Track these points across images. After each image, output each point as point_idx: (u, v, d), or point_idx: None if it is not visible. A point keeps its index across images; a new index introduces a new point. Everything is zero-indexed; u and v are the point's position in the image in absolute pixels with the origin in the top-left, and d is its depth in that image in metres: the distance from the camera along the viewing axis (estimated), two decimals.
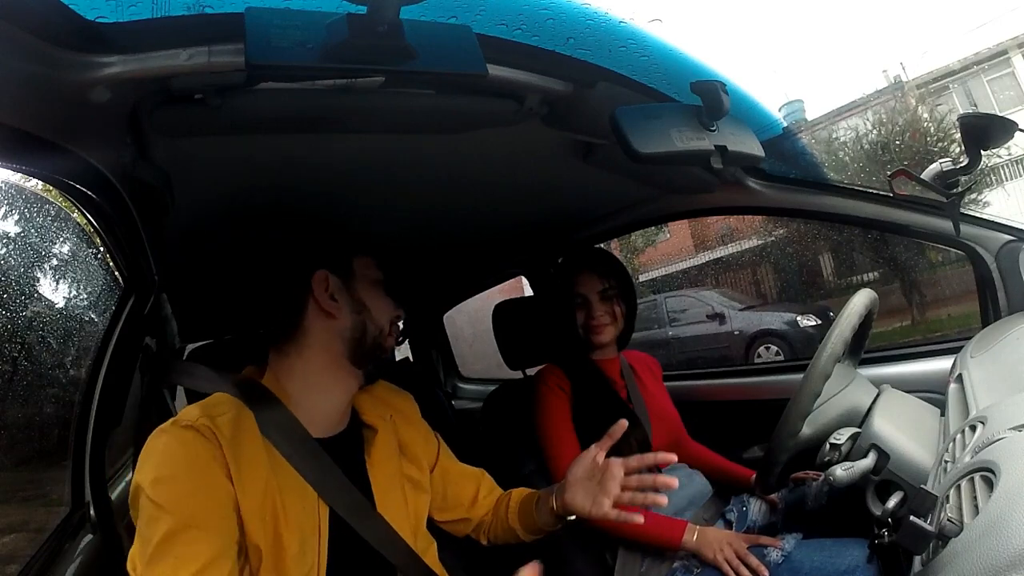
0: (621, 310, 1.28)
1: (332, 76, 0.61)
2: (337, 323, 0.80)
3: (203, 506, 0.63)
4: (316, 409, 0.78)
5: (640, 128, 0.65)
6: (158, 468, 0.63)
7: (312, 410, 0.77)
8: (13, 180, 1.38)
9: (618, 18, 0.67)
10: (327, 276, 0.80)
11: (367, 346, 0.81)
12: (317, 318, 0.80)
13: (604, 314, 1.25)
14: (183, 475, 0.63)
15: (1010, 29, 10.90)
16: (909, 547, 0.49)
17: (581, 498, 0.83)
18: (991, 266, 1.12)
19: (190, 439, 0.65)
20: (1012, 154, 9.18)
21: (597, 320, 1.25)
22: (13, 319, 1.38)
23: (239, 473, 0.66)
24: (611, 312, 1.26)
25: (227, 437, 0.67)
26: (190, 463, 0.64)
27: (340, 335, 0.80)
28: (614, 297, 1.27)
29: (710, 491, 1.23)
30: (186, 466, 0.64)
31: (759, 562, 0.98)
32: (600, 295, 1.26)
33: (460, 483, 0.95)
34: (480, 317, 1.88)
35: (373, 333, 0.82)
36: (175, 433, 0.66)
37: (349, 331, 0.80)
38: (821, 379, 0.84)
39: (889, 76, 12.00)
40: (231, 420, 0.70)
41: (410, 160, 0.92)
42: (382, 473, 0.81)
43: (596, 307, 1.25)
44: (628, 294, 1.30)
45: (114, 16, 0.50)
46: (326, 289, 0.80)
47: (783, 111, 12.87)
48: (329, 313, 0.79)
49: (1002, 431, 0.51)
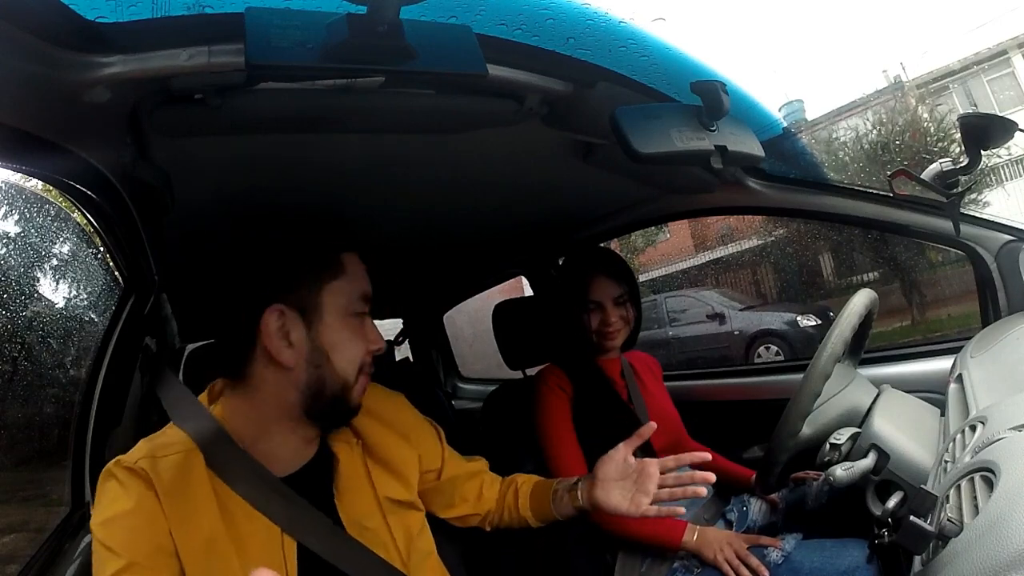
0: (632, 315, 1.27)
1: (332, 76, 0.61)
2: (290, 374, 0.68)
3: (144, 547, 0.62)
4: (272, 452, 0.70)
5: (640, 128, 0.65)
6: (102, 511, 0.64)
7: (269, 452, 0.70)
8: (13, 180, 1.38)
9: (618, 18, 0.67)
10: (283, 313, 0.67)
11: (326, 401, 0.69)
12: (267, 365, 0.68)
13: (619, 319, 1.24)
14: (124, 518, 0.63)
15: (1010, 29, 10.90)
16: (909, 547, 0.49)
17: (617, 498, 0.84)
18: (991, 266, 1.12)
19: (128, 482, 0.64)
20: (1012, 154, 9.19)
21: (612, 327, 1.23)
22: (13, 319, 1.38)
23: (177, 520, 0.63)
24: (624, 318, 1.25)
25: (164, 482, 0.64)
26: (131, 506, 0.63)
27: (295, 387, 0.68)
28: (627, 302, 1.26)
29: (710, 491, 1.23)
30: (126, 509, 0.63)
31: (759, 562, 0.98)
32: (615, 301, 1.24)
33: (467, 483, 0.93)
34: (480, 317, 1.88)
35: (334, 388, 0.69)
36: (117, 474, 0.65)
37: (305, 384, 0.68)
38: (821, 379, 0.84)
39: (889, 76, 12.01)
40: (175, 464, 0.66)
41: (410, 160, 0.92)
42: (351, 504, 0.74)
43: (611, 313, 1.23)
44: (637, 299, 1.30)
45: (114, 16, 0.50)
46: (281, 328, 0.67)
47: (783, 111, 12.87)
48: (279, 362, 0.67)
49: (1002, 431, 0.51)
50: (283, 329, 0.67)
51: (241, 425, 0.70)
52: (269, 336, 0.67)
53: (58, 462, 1.30)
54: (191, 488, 0.65)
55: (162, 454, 0.66)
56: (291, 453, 0.73)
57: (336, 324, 0.69)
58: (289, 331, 0.67)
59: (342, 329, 0.70)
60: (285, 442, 0.72)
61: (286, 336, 0.67)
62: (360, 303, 0.73)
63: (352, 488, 0.76)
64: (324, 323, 0.69)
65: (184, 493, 0.65)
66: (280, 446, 0.71)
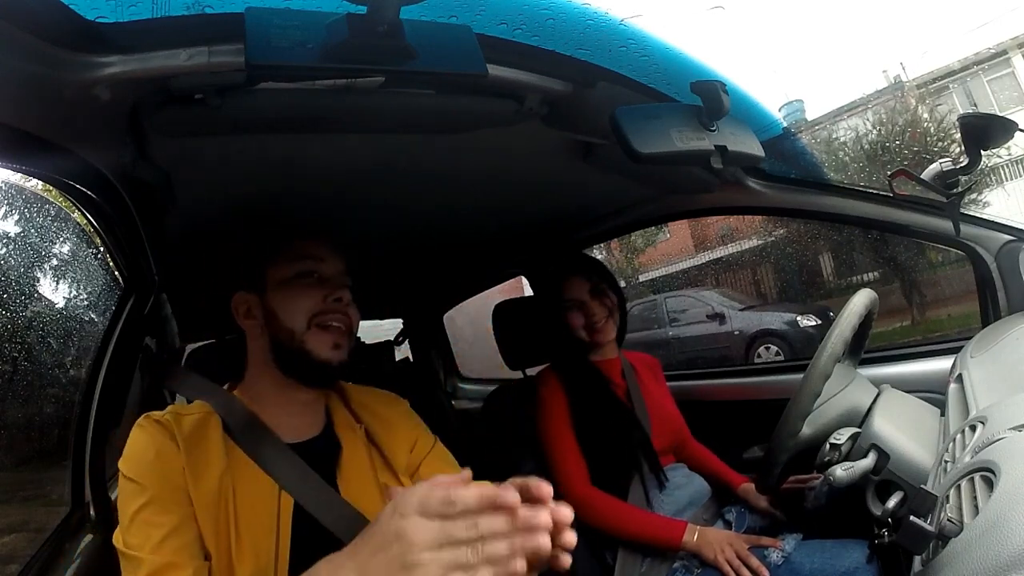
0: (613, 302, 1.29)
1: (332, 76, 0.61)
2: (259, 342, 0.81)
3: (164, 484, 0.70)
4: (279, 420, 0.79)
5: (640, 128, 0.65)
6: (130, 452, 0.73)
7: (276, 421, 0.79)
8: (13, 180, 1.38)
9: (618, 18, 0.67)
10: (244, 297, 0.82)
11: (290, 354, 0.79)
12: (248, 340, 0.83)
13: (601, 309, 1.26)
14: (148, 457, 0.71)
15: (1010, 29, 10.90)
16: (909, 547, 0.49)
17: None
18: (991, 266, 1.12)
19: (153, 429, 0.74)
20: (1012, 154, 9.18)
21: (597, 318, 1.25)
22: (13, 319, 1.38)
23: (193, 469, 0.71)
24: (608, 306, 1.27)
25: (184, 434, 0.74)
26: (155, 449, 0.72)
27: (265, 350, 0.81)
28: (604, 291, 1.28)
29: (710, 491, 1.23)
30: (150, 451, 0.72)
31: (759, 563, 0.98)
32: (591, 293, 1.27)
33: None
34: (480, 317, 1.88)
35: (286, 340, 0.79)
36: (145, 424, 0.75)
37: (269, 344, 0.80)
38: (821, 379, 0.84)
39: (889, 76, 12.01)
40: (195, 421, 0.76)
41: (410, 160, 0.92)
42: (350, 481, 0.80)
43: (591, 305, 1.26)
44: (614, 285, 1.32)
45: (114, 16, 0.50)
46: (246, 309, 0.82)
47: (783, 111, 12.86)
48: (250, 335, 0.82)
49: (1002, 431, 0.51)
50: (247, 309, 0.82)
51: (250, 399, 0.80)
52: (239, 318, 0.83)
53: (58, 462, 1.30)
54: (207, 443, 0.74)
55: (185, 413, 0.77)
56: (297, 422, 0.81)
57: (280, 289, 0.81)
58: (250, 307, 0.82)
59: (287, 291, 0.81)
60: (286, 411, 0.81)
61: (249, 313, 0.82)
62: (302, 267, 0.82)
63: (353, 467, 0.81)
64: (268, 293, 0.81)
65: (200, 446, 0.74)
66: (283, 413, 0.80)
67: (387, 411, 0.89)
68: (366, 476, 0.81)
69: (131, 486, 0.69)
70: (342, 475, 0.80)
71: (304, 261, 0.82)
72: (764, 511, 1.19)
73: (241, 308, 0.83)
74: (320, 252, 0.84)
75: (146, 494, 0.68)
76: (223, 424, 0.77)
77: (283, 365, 0.80)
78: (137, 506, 0.68)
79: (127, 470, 0.70)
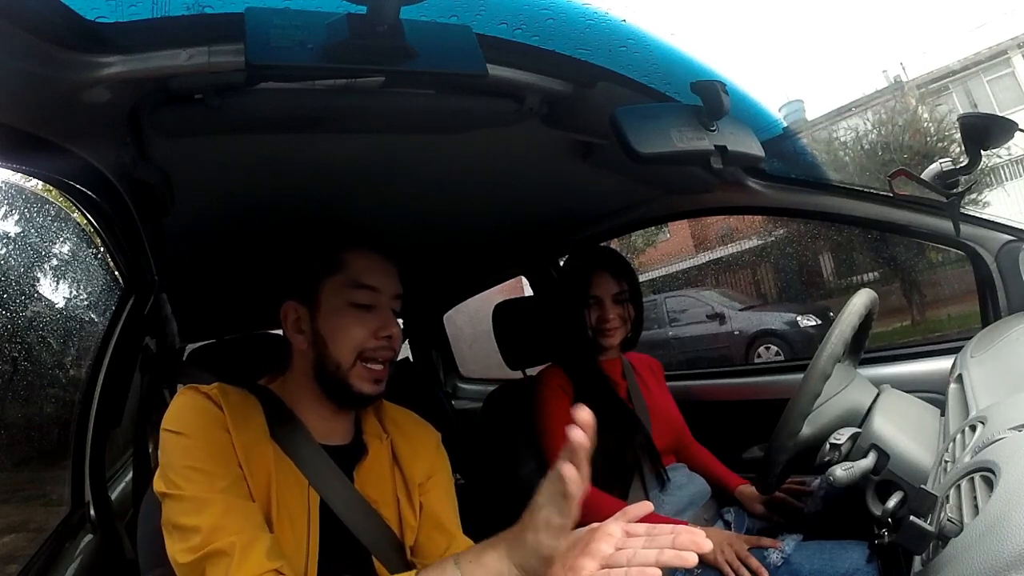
0: (631, 314, 1.28)
1: (332, 76, 0.61)
2: (304, 356, 0.80)
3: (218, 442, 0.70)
4: (312, 423, 0.80)
5: (640, 128, 0.65)
6: (178, 412, 0.72)
7: (310, 423, 0.79)
8: (13, 180, 1.38)
9: (618, 18, 0.67)
10: (295, 307, 0.80)
11: (332, 382, 0.79)
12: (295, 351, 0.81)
13: (616, 317, 1.24)
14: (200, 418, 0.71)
15: (1010, 29, 10.90)
16: (909, 547, 0.49)
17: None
18: (991, 266, 1.12)
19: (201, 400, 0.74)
20: (1012, 154, 9.17)
21: (610, 323, 1.24)
22: (13, 319, 1.38)
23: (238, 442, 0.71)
24: (623, 315, 1.26)
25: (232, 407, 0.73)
26: (205, 413, 0.72)
27: (309, 366, 0.80)
28: (626, 300, 1.27)
29: (710, 491, 1.23)
30: (202, 414, 0.72)
31: (759, 563, 0.98)
32: (614, 298, 1.25)
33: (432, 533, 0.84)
34: (480, 317, 1.88)
35: (330, 368, 0.78)
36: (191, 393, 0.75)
37: (312, 363, 0.79)
38: (821, 379, 0.84)
39: (889, 76, 12.00)
40: (241, 399, 0.76)
41: (410, 160, 0.92)
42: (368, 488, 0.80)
43: (609, 309, 1.24)
44: (637, 298, 1.30)
45: (114, 16, 0.50)
46: (295, 321, 0.80)
47: (783, 111, 12.85)
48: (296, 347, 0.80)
49: (1002, 431, 0.51)
50: (297, 321, 0.80)
51: (290, 398, 0.80)
52: (287, 327, 0.80)
53: (58, 462, 1.30)
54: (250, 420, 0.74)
55: (231, 391, 0.76)
56: (327, 429, 0.81)
57: (333, 315, 0.78)
58: (300, 321, 0.80)
59: (339, 319, 0.78)
60: (319, 416, 0.80)
61: (298, 326, 0.80)
62: (359, 298, 0.79)
63: (374, 472, 0.82)
64: (321, 314, 0.79)
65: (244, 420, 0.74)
66: (315, 419, 0.80)
67: (415, 432, 0.89)
68: (385, 484, 0.82)
69: (181, 440, 0.69)
70: (360, 476, 0.80)
71: (362, 291, 0.79)
72: (760, 516, 1.19)
73: (290, 317, 0.80)
74: (378, 279, 0.81)
75: (200, 447, 0.68)
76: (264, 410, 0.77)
77: (322, 384, 0.80)
78: (190, 458, 0.67)
79: (177, 427, 0.70)
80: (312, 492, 0.75)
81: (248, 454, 0.71)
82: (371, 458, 0.82)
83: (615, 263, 1.28)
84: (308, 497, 0.75)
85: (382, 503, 0.81)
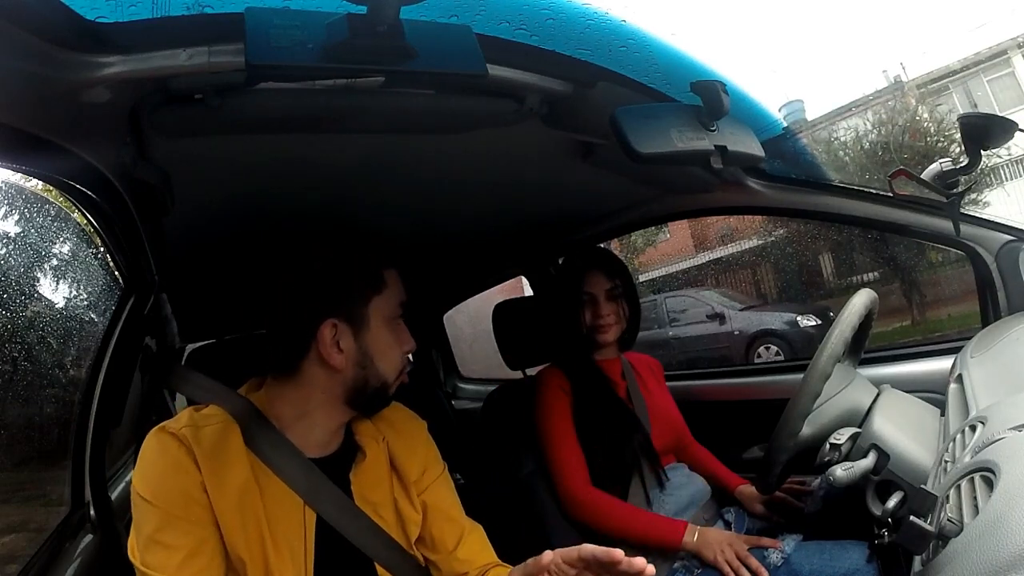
0: (625, 311, 1.28)
1: (332, 76, 0.61)
2: (339, 374, 0.76)
3: (181, 503, 0.68)
4: (306, 435, 0.78)
5: (640, 128, 0.65)
6: (142, 468, 0.70)
7: (302, 435, 0.78)
8: (13, 180, 1.38)
9: (618, 18, 0.67)
10: (335, 325, 0.75)
11: (367, 395, 0.78)
12: (319, 366, 0.76)
13: (610, 313, 1.25)
14: (165, 474, 0.69)
15: (1010, 29, 10.89)
16: (909, 547, 0.49)
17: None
18: (991, 266, 1.12)
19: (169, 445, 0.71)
20: (1012, 154, 9.16)
21: (604, 319, 1.25)
22: (13, 319, 1.38)
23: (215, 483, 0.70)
24: (617, 312, 1.27)
25: (205, 449, 0.71)
26: (170, 466, 0.70)
27: (342, 383, 0.77)
28: (620, 297, 1.28)
29: (710, 491, 1.23)
30: (166, 469, 0.70)
31: (759, 563, 0.98)
32: (607, 294, 1.26)
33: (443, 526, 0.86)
34: (480, 317, 1.88)
35: (375, 385, 0.78)
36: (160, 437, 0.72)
37: (351, 381, 0.77)
38: (821, 379, 0.84)
39: (889, 76, 11.98)
40: (215, 432, 0.73)
41: (410, 160, 0.92)
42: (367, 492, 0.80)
43: (603, 306, 1.25)
44: (632, 295, 1.31)
45: (114, 16, 0.50)
46: (333, 338, 0.75)
47: (783, 111, 12.83)
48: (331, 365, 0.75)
49: (1002, 431, 0.51)
50: (335, 339, 0.75)
51: (282, 408, 0.78)
52: (324, 345, 0.75)
53: (58, 462, 1.30)
54: (228, 454, 0.72)
55: (204, 424, 0.73)
56: (325, 436, 0.80)
57: (379, 332, 0.78)
58: (340, 340, 0.76)
59: (385, 336, 0.79)
60: (322, 425, 0.79)
61: (337, 344, 0.76)
62: (399, 310, 0.82)
63: (371, 473, 0.81)
64: (370, 332, 0.77)
65: (220, 457, 0.71)
66: (315, 428, 0.78)
67: (407, 428, 0.89)
68: (383, 487, 0.82)
69: (146, 506, 0.68)
70: (358, 481, 0.80)
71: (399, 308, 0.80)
72: (760, 516, 1.19)
73: (328, 335, 0.74)
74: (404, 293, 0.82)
75: (162, 516, 0.67)
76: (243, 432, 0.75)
77: (353, 400, 0.78)
78: (153, 527, 0.67)
79: (141, 489, 0.68)
80: (308, 510, 0.74)
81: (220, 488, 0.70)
82: (369, 462, 0.81)
83: (607, 261, 1.30)
84: (304, 515, 0.74)
85: (381, 504, 0.81)
